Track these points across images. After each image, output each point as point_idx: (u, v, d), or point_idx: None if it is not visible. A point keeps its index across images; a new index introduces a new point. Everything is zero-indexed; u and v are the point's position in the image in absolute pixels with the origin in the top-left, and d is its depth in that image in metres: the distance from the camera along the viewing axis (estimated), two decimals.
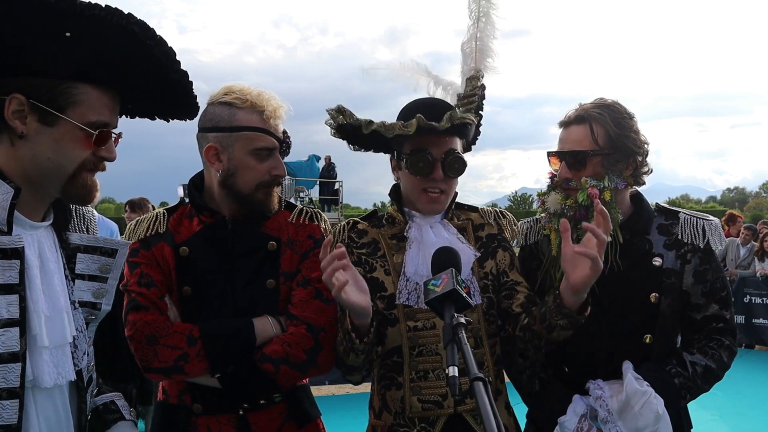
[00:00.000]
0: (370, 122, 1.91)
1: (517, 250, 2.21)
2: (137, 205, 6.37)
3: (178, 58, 1.46)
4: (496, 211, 2.19)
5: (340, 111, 1.96)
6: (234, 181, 1.86)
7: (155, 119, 1.70)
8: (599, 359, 2.01)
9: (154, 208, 6.21)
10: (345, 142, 2.07)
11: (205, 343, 1.77)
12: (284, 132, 1.93)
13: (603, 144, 1.96)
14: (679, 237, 2.04)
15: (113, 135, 1.45)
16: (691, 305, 2.03)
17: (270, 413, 1.89)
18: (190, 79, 1.54)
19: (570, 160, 1.99)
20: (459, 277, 1.48)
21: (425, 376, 1.93)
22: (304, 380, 1.99)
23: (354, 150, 2.12)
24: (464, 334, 1.35)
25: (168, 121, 1.71)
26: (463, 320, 1.37)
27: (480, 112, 2.10)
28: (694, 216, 2.08)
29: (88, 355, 1.53)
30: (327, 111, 1.99)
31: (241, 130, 1.83)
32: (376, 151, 2.15)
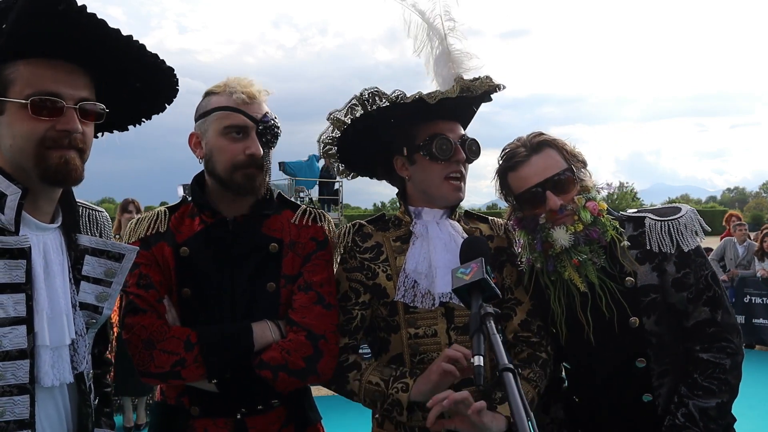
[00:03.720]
0: (402, 96, 1.83)
1: None
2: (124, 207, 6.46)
3: (113, 26, 1.38)
4: (507, 223, 2.14)
5: (371, 98, 1.84)
6: (213, 166, 1.85)
7: (153, 107, 1.67)
8: (600, 389, 1.97)
9: (139, 210, 6.18)
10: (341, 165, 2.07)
11: (202, 349, 1.75)
12: (265, 114, 1.85)
13: (571, 161, 1.95)
14: (648, 247, 1.92)
15: (65, 104, 1.38)
16: (680, 314, 1.92)
17: (268, 417, 1.87)
18: (127, 35, 1.44)
19: (557, 184, 1.90)
20: (488, 267, 1.46)
21: None
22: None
23: (351, 177, 2.13)
24: (492, 324, 1.32)
25: (161, 105, 1.68)
26: (491, 310, 1.35)
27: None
28: (658, 220, 1.94)
29: (87, 361, 1.52)
30: (352, 104, 1.88)
31: (212, 112, 1.84)
32: (375, 169, 2.13)
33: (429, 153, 1.91)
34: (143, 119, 1.74)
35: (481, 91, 1.87)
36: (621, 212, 2.06)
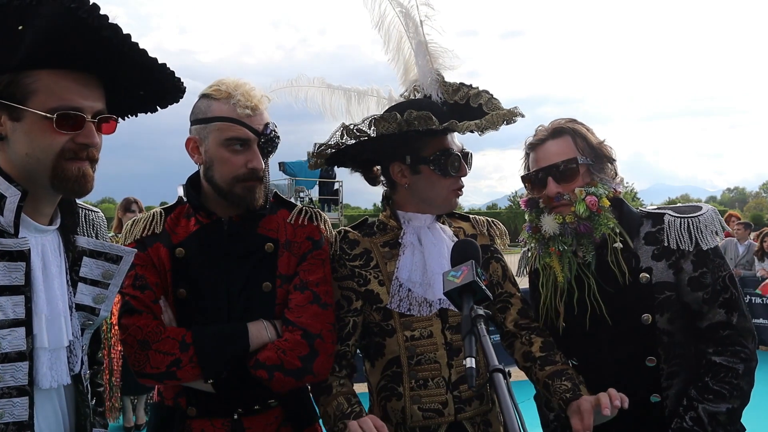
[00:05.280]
0: (454, 125, 1.80)
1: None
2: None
3: (134, 39, 1.39)
4: (488, 220, 2.18)
5: (416, 121, 1.79)
6: (212, 175, 1.84)
7: (151, 110, 1.67)
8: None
9: (141, 209, 6.12)
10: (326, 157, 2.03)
11: (198, 349, 1.75)
12: (266, 125, 1.83)
13: (587, 152, 1.93)
14: (666, 244, 1.88)
15: (86, 118, 1.39)
16: (694, 314, 1.88)
17: (266, 418, 1.86)
18: (153, 56, 1.46)
19: (559, 173, 1.91)
20: (479, 269, 1.48)
21: (425, 385, 1.92)
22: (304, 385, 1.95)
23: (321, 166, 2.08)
24: (483, 326, 1.35)
25: (160, 108, 1.67)
26: (482, 312, 1.37)
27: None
28: (678, 217, 1.91)
29: (83, 362, 1.53)
30: (380, 118, 1.84)
31: (213, 120, 1.81)
32: (368, 165, 2.10)
33: (440, 168, 1.92)
34: (141, 113, 1.71)
35: (516, 120, 1.92)
36: (640, 209, 2.05)
